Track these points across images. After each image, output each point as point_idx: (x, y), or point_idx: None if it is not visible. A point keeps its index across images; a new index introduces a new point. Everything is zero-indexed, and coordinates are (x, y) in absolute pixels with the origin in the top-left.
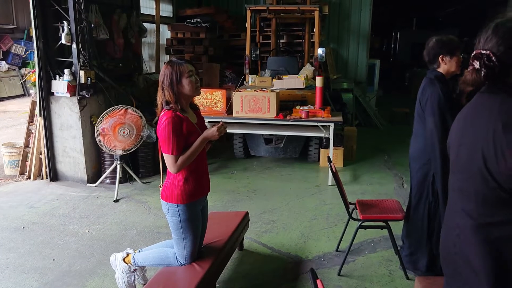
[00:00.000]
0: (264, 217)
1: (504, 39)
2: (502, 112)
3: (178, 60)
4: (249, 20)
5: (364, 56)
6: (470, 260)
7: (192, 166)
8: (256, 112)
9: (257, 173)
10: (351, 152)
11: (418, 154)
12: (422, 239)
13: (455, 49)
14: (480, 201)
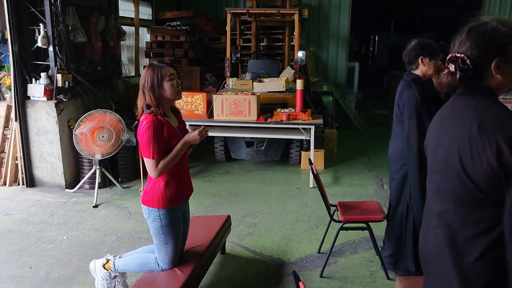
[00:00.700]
0: (246, 220)
1: (477, 43)
2: (477, 114)
3: (159, 63)
4: (229, 23)
5: (344, 59)
6: (448, 260)
7: (173, 170)
8: (237, 115)
9: (238, 176)
10: (332, 154)
11: (397, 155)
12: (402, 240)
13: (434, 53)
14: (458, 201)
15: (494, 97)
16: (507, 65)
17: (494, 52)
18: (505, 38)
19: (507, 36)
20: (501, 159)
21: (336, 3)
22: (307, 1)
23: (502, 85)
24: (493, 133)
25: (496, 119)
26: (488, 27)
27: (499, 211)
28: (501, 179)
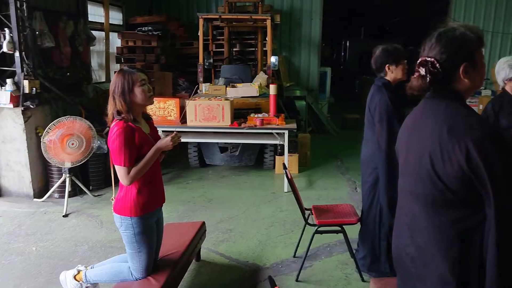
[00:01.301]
0: (221, 226)
1: (446, 47)
2: (447, 117)
3: (130, 69)
4: (201, 28)
5: (316, 64)
6: (421, 260)
7: (146, 177)
8: (210, 121)
9: (212, 182)
10: (306, 158)
11: (369, 159)
12: (376, 242)
13: (400, 58)
14: (429, 203)
15: (462, 100)
16: (474, 69)
17: (462, 57)
18: (472, 43)
19: (474, 42)
20: (470, 162)
21: (308, 9)
22: (279, 7)
23: (469, 89)
24: (462, 136)
25: (465, 122)
26: (457, 33)
27: (470, 212)
28: (471, 181)
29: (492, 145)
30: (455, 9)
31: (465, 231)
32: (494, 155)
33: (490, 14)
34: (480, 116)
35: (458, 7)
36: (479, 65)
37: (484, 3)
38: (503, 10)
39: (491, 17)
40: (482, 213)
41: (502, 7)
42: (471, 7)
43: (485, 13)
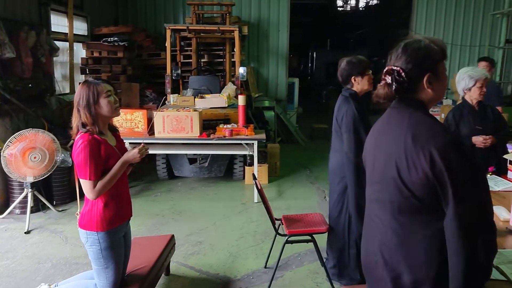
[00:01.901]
0: (191, 239)
1: (411, 57)
2: (411, 126)
3: (95, 80)
4: (169, 39)
5: (284, 75)
6: (388, 267)
7: (112, 191)
8: (179, 132)
9: (182, 194)
10: (275, 168)
11: (337, 168)
12: (345, 250)
13: (365, 69)
14: (396, 210)
15: (426, 109)
16: (437, 80)
17: (426, 67)
18: (436, 55)
19: (438, 54)
20: (434, 169)
21: (275, 20)
22: (247, 18)
23: (433, 98)
24: (426, 143)
25: (428, 130)
26: (422, 44)
27: (435, 219)
28: (435, 188)
29: (454, 153)
30: (416, 22)
31: (431, 237)
32: (456, 162)
33: (449, 27)
34: (443, 124)
35: (419, 20)
36: (442, 77)
37: (444, 17)
38: (461, 23)
39: (450, 30)
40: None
41: (460, 20)
42: (431, 20)
43: (445, 26)
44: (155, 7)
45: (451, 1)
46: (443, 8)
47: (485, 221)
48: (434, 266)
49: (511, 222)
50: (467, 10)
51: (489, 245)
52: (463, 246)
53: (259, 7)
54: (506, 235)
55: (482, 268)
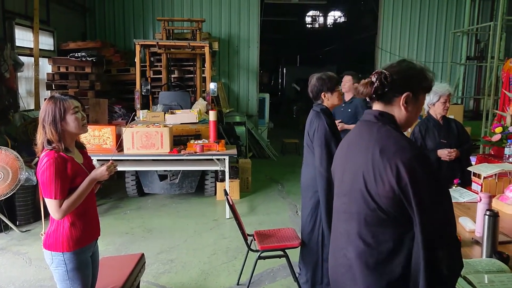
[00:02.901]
0: (162, 257)
1: (403, 71)
2: (379, 139)
3: (62, 96)
4: (138, 54)
5: (254, 90)
6: (356, 279)
7: (79, 209)
8: (148, 148)
9: (152, 211)
10: (247, 183)
11: (309, 182)
12: (319, 264)
13: (334, 85)
14: (362, 221)
15: (395, 125)
16: (414, 104)
17: (410, 86)
18: (424, 81)
19: (426, 83)
20: (400, 182)
21: (245, 36)
22: (217, 34)
23: (404, 119)
24: (393, 156)
25: (396, 144)
26: (417, 66)
27: (400, 232)
28: (401, 201)
29: (420, 167)
30: (383, 39)
31: (396, 250)
32: (421, 176)
33: (414, 44)
34: (410, 139)
35: (385, 38)
36: (418, 104)
37: (408, 35)
38: (424, 41)
39: (415, 47)
40: (412, 233)
41: (423, 38)
42: (396, 37)
43: (409, 43)
44: (124, 23)
45: (415, 20)
46: (407, 26)
47: (449, 234)
48: (398, 280)
49: (476, 232)
50: (430, 28)
51: (453, 257)
52: (428, 258)
53: (229, 24)
54: (472, 245)
55: (448, 280)
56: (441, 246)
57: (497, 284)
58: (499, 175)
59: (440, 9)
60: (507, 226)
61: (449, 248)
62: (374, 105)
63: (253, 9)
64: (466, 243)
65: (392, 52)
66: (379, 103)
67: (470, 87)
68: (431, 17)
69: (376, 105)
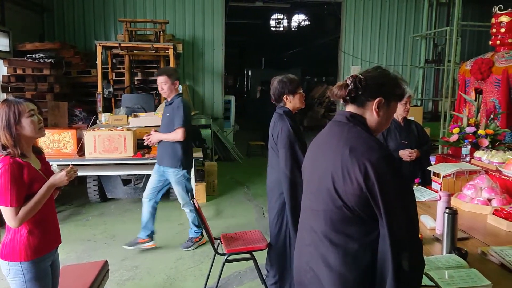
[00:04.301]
0: (126, 263)
1: (377, 77)
2: (349, 139)
3: (16, 99)
4: (99, 56)
5: (220, 93)
6: (321, 277)
7: (37, 217)
8: (111, 152)
9: (115, 217)
10: (213, 187)
11: (275, 184)
12: (286, 266)
13: (296, 88)
14: (328, 219)
15: (365, 126)
16: (385, 110)
17: (384, 92)
18: (397, 89)
19: (399, 90)
20: (368, 181)
21: (210, 39)
22: (181, 36)
23: (374, 123)
24: (362, 156)
25: (365, 144)
26: (391, 74)
27: (365, 230)
28: (367, 199)
29: (387, 167)
30: (345, 43)
31: (361, 248)
32: (388, 176)
33: (375, 48)
34: (378, 140)
35: (347, 41)
36: (390, 111)
37: (369, 39)
38: (385, 45)
39: (376, 50)
40: (376, 232)
41: (384, 42)
42: (358, 41)
43: (371, 47)
44: (84, 23)
45: (376, 24)
46: (369, 30)
47: (414, 233)
48: (363, 278)
49: (437, 230)
50: (390, 32)
51: (417, 256)
52: (395, 257)
53: (193, 25)
54: (433, 242)
55: (413, 278)
56: (406, 245)
57: (456, 279)
58: (457, 174)
59: (399, 14)
60: (465, 223)
61: (413, 247)
62: (347, 107)
63: (218, 11)
64: (427, 241)
65: (354, 56)
66: (352, 106)
67: (429, 90)
68: (391, 21)
69: (349, 107)
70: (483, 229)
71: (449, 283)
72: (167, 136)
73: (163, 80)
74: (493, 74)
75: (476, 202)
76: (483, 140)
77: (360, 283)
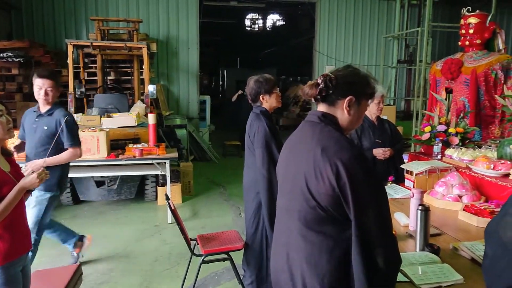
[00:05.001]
0: (100, 267)
1: (348, 75)
2: (321, 139)
3: None
4: (71, 55)
5: (195, 92)
6: (296, 276)
7: (7, 221)
8: (84, 154)
9: (88, 219)
10: (189, 187)
11: (251, 184)
12: (262, 266)
13: (272, 87)
14: (302, 219)
15: (337, 126)
16: (356, 108)
17: (353, 90)
18: (367, 88)
19: (368, 88)
20: (339, 181)
21: (184, 38)
22: (155, 36)
23: (346, 122)
24: (334, 155)
25: (336, 143)
26: (361, 73)
27: (338, 230)
28: (340, 199)
29: (359, 166)
30: (319, 43)
31: (335, 247)
32: (360, 176)
33: (349, 48)
34: (350, 139)
35: (321, 41)
36: (361, 109)
37: (343, 39)
38: (358, 45)
39: (350, 51)
40: (349, 231)
41: (357, 42)
42: (332, 41)
43: (345, 47)
44: (54, 21)
45: (350, 24)
46: (343, 31)
47: (385, 232)
48: (338, 277)
49: (410, 226)
50: (364, 32)
51: (391, 253)
52: (366, 256)
53: (167, 25)
54: (407, 239)
55: (387, 275)
56: (378, 244)
57: (430, 275)
58: (429, 171)
59: (372, 15)
60: (437, 219)
61: (386, 245)
62: (319, 106)
63: (192, 10)
64: (401, 237)
65: (329, 55)
66: (323, 105)
67: (401, 89)
68: (365, 22)
69: (321, 106)
70: (455, 225)
71: (422, 279)
72: (59, 159)
73: (51, 85)
74: (462, 74)
75: (448, 198)
76: (453, 138)
77: (337, 279)
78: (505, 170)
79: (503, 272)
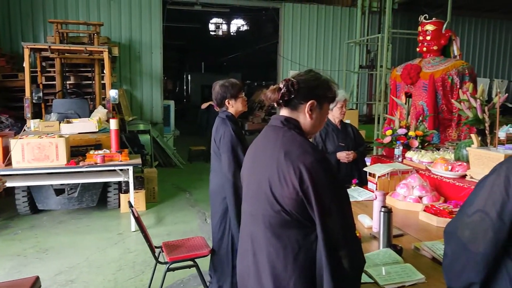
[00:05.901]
0: (60, 278)
1: (309, 80)
2: (284, 143)
3: None
4: (27, 59)
5: (159, 97)
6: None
7: None
8: (42, 161)
9: (48, 229)
10: (153, 193)
11: (218, 189)
12: (230, 271)
13: (238, 92)
14: (267, 223)
15: (300, 130)
16: (318, 112)
17: (315, 94)
18: (328, 92)
19: (329, 92)
20: (303, 184)
21: (147, 42)
22: (117, 39)
23: (308, 126)
24: (297, 159)
25: (299, 148)
26: (322, 77)
27: (303, 233)
28: (303, 202)
29: (321, 170)
30: (284, 48)
31: (301, 251)
32: (322, 180)
33: (312, 53)
34: (313, 143)
35: (286, 47)
36: (323, 113)
37: (307, 44)
38: (322, 50)
39: (313, 56)
40: (314, 234)
41: (321, 48)
42: (296, 47)
43: (308, 52)
44: (9, 24)
45: (313, 30)
46: (306, 36)
47: (349, 234)
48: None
49: (373, 228)
50: (327, 38)
51: (354, 255)
52: (330, 258)
53: (130, 28)
54: (371, 240)
55: (351, 277)
56: (342, 246)
57: (393, 275)
58: (391, 174)
59: (335, 21)
60: (400, 220)
61: (350, 247)
62: (281, 111)
63: (155, 14)
64: (365, 239)
65: (293, 60)
66: (286, 109)
67: (363, 94)
68: (328, 28)
69: (283, 111)
70: (416, 225)
71: (386, 279)
72: None
73: None
74: (421, 79)
75: (409, 200)
76: (413, 141)
77: (303, 283)
78: (462, 171)
79: (462, 270)
